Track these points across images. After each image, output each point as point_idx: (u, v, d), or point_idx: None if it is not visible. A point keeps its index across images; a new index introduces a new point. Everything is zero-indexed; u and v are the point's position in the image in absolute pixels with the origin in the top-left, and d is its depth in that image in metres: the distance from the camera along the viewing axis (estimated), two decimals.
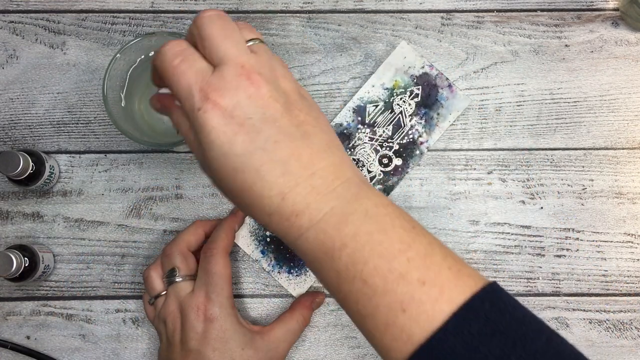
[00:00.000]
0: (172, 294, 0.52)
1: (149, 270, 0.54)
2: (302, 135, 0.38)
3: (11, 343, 0.57)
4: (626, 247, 0.59)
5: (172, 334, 0.51)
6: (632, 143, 0.60)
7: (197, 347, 0.49)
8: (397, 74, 0.59)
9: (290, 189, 0.37)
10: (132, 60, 0.55)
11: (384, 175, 0.58)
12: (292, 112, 0.38)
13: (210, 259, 0.52)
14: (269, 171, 0.37)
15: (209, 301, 0.51)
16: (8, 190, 0.59)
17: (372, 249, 0.36)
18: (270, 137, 0.37)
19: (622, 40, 0.61)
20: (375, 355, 0.58)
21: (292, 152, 0.37)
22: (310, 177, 0.37)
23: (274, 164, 0.37)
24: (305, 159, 0.37)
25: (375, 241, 0.36)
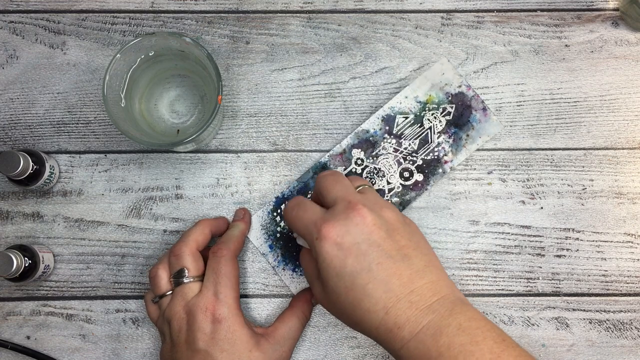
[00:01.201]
0: (178, 295, 0.51)
1: (155, 269, 0.53)
2: (402, 257, 0.45)
3: (11, 343, 0.57)
4: (626, 247, 0.59)
5: (177, 334, 0.50)
6: (632, 143, 0.60)
7: (205, 348, 0.49)
8: (433, 89, 0.59)
9: (392, 304, 0.44)
10: (132, 60, 0.55)
11: (403, 188, 0.58)
12: (394, 238, 0.46)
13: (221, 259, 0.52)
14: (374, 289, 0.44)
15: (218, 302, 0.50)
16: (8, 190, 0.59)
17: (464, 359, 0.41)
18: (374, 259, 0.44)
19: (622, 40, 0.61)
20: (375, 355, 0.58)
21: (393, 272, 0.44)
22: (409, 294, 0.44)
23: (378, 283, 0.44)
24: (405, 278, 0.44)
25: (468, 352, 0.42)
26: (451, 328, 0.43)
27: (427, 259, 0.46)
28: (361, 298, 0.44)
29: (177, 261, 0.52)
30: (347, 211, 0.46)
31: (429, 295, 0.44)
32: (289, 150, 0.60)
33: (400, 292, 0.44)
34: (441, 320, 0.43)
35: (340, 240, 0.45)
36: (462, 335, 0.42)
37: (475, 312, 0.44)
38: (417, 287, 0.44)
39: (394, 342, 0.44)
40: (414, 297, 0.44)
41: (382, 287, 0.44)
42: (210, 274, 0.52)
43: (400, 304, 0.44)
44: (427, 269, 0.46)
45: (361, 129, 0.59)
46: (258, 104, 0.60)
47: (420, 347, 0.43)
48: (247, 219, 0.57)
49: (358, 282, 0.44)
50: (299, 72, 0.60)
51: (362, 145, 0.58)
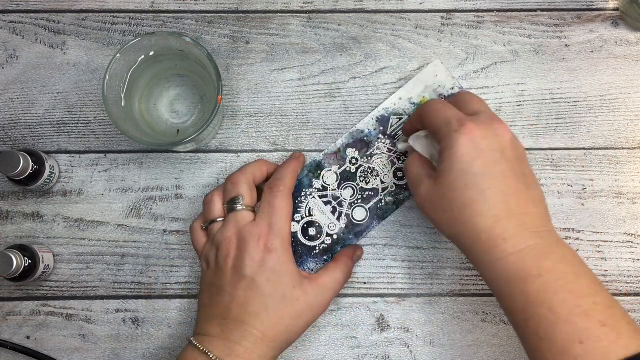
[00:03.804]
0: (232, 221, 0.52)
1: (211, 195, 0.54)
2: (524, 182, 0.47)
3: (11, 343, 0.57)
4: (626, 247, 0.59)
5: (224, 259, 0.51)
6: (632, 143, 0.60)
7: (252, 275, 0.49)
8: (426, 90, 0.59)
9: (505, 216, 0.45)
10: (132, 60, 0.55)
11: (397, 188, 0.58)
12: (522, 164, 0.48)
13: (277, 194, 0.52)
14: (493, 195, 0.45)
15: (272, 232, 0.51)
16: (8, 190, 0.59)
17: (564, 285, 0.43)
18: (502, 171, 0.46)
19: (622, 40, 0.61)
20: (375, 355, 0.58)
21: (514, 190, 0.46)
22: (522, 215, 0.46)
23: (497, 192, 0.45)
24: (522, 200, 0.46)
25: (568, 279, 0.43)
26: (556, 255, 0.45)
27: (542, 196, 0.48)
28: (477, 199, 0.45)
29: (234, 188, 0.53)
30: (492, 121, 0.48)
31: (539, 223, 0.46)
32: (289, 150, 0.60)
33: (515, 209, 0.45)
34: (547, 247, 0.45)
35: (479, 141, 0.46)
36: (565, 264, 0.44)
37: (576, 252, 0.46)
38: (530, 212, 0.46)
39: (493, 252, 0.45)
40: (527, 218, 0.46)
41: (500, 197, 0.45)
42: (265, 207, 0.52)
43: (511, 219, 0.45)
44: (542, 202, 0.48)
45: (356, 129, 0.59)
46: (258, 104, 0.60)
47: (520, 263, 0.44)
48: (301, 159, 0.57)
49: (480, 184, 0.45)
50: (299, 72, 0.60)
51: (357, 145, 0.59)
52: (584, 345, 0.41)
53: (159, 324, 0.58)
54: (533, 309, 0.43)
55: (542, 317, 0.42)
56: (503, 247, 0.45)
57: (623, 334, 0.41)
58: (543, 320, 0.42)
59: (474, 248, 0.46)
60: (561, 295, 0.42)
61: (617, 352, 0.40)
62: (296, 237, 0.57)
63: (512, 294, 0.44)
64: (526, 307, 0.43)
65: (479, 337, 0.58)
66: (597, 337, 0.41)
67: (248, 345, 0.49)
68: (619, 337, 0.41)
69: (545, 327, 0.42)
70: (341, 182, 0.58)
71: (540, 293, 0.43)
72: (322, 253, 0.57)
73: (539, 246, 0.45)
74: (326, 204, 0.58)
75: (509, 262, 0.44)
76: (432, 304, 0.58)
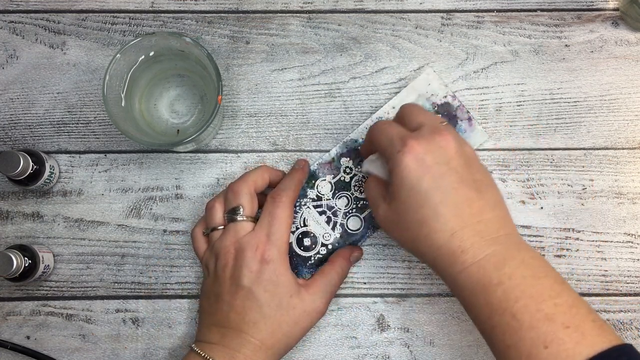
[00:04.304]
0: (231, 230, 0.52)
1: (213, 201, 0.54)
2: (476, 188, 0.47)
3: (11, 343, 0.57)
4: (626, 247, 0.59)
5: (222, 268, 0.51)
6: (632, 143, 0.60)
7: (249, 285, 0.50)
8: (419, 99, 0.59)
9: (460, 228, 0.45)
10: (133, 60, 0.55)
11: None
12: (471, 170, 0.47)
13: (279, 203, 0.53)
14: (445, 210, 0.45)
15: (269, 243, 0.51)
16: (8, 190, 0.59)
17: (524, 290, 0.43)
18: (450, 183, 0.46)
19: (622, 40, 0.61)
20: (375, 355, 0.58)
21: (465, 199, 0.46)
22: (477, 224, 0.46)
23: (449, 205, 0.45)
24: (475, 208, 0.46)
25: (528, 284, 0.43)
26: (515, 261, 0.44)
27: (497, 197, 0.48)
28: (431, 216, 0.45)
29: (234, 198, 0.53)
30: (433, 134, 0.47)
31: (495, 228, 0.46)
32: (289, 150, 0.60)
33: (469, 219, 0.45)
34: (506, 252, 0.45)
35: (422, 157, 0.46)
36: (525, 269, 0.44)
37: (537, 253, 0.46)
38: (485, 219, 0.46)
39: (454, 265, 0.45)
40: (481, 227, 0.46)
41: (453, 210, 0.45)
42: (265, 216, 0.52)
43: (467, 230, 0.45)
44: (497, 205, 0.47)
45: (350, 138, 0.59)
46: (258, 104, 0.60)
47: (480, 272, 0.44)
48: (306, 169, 0.57)
49: (431, 200, 0.45)
50: (299, 72, 0.60)
51: (351, 154, 0.59)
52: (549, 349, 0.41)
53: (159, 324, 0.58)
54: (497, 317, 0.43)
55: (506, 325, 0.43)
56: (462, 259, 0.45)
57: (587, 333, 0.41)
58: (507, 328, 0.43)
59: (436, 263, 0.47)
60: (522, 302, 0.43)
61: (581, 352, 0.40)
62: (291, 248, 0.57)
63: (476, 304, 0.45)
64: (491, 315, 0.44)
65: (479, 337, 0.57)
66: (561, 340, 0.41)
67: (248, 352, 0.49)
68: (584, 337, 0.41)
69: (510, 334, 0.42)
70: (335, 192, 0.58)
71: (502, 301, 0.43)
72: (318, 263, 0.57)
73: (497, 253, 0.45)
74: (321, 213, 0.58)
75: (470, 273, 0.45)
76: (432, 304, 0.58)
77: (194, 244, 0.55)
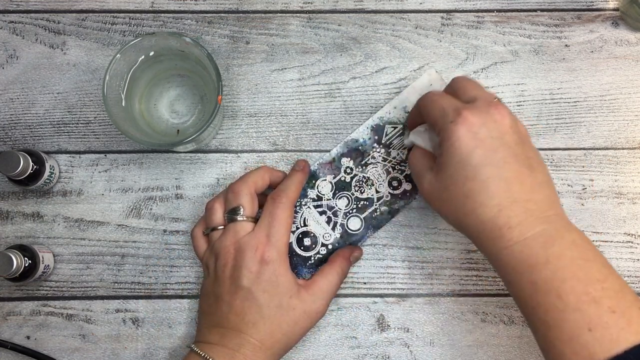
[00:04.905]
0: (230, 231, 0.52)
1: (213, 201, 0.54)
2: (528, 166, 0.46)
3: (11, 343, 0.57)
4: (626, 247, 0.59)
5: (222, 268, 0.51)
6: (632, 143, 0.60)
7: (249, 286, 0.50)
8: None
9: (508, 204, 0.44)
10: (133, 60, 0.55)
11: (392, 197, 0.58)
12: (524, 147, 0.46)
13: (279, 204, 0.52)
14: (495, 184, 0.44)
15: (269, 244, 0.51)
16: (8, 190, 0.59)
17: (572, 271, 0.42)
18: (503, 158, 0.45)
19: (622, 40, 0.61)
20: (375, 355, 0.58)
21: (517, 176, 0.45)
22: (527, 201, 0.45)
23: (499, 180, 0.44)
24: (526, 185, 0.45)
25: (576, 265, 0.43)
26: (564, 241, 0.44)
27: (548, 177, 0.47)
28: (479, 190, 0.45)
29: (235, 198, 0.53)
30: (488, 107, 0.46)
31: (545, 208, 0.45)
32: (289, 150, 0.60)
33: (519, 196, 0.44)
34: (555, 232, 0.44)
35: (476, 130, 0.45)
36: (574, 249, 0.43)
37: (585, 236, 0.45)
38: (536, 197, 0.45)
39: (499, 241, 0.44)
40: (531, 205, 0.45)
41: (502, 185, 0.44)
42: (265, 217, 0.52)
43: (515, 206, 0.44)
44: (548, 185, 0.47)
45: (350, 138, 0.59)
46: (258, 104, 0.60)
47: (526, 251, 0.43)
48: (306, 170, 0.57)
49: (480, 174, 0.45)
50: (299, 72, 0.60)
51: (352, 154, 0.58)
52: (593, 332, 0.40)
53: (159, 324, 0.58)
54: (541, 297, 0.43)
55: (551, 305, 0.42)
56: (509, 236, 0.44)
57: (634, 320, 0.41)
58: (551, 308, 0.42)
59: (480, 238, 0.46)
60: (569, 283, 0.42)
61: (627, 339, 0.40)
62: (291, 248, 0.57)
63: (520, 282, 0.44)
64: (534, 295, 0.43)
65: (479, 337, 0.58)
66: (606, 324, 0.40)
67: (247, 353, 0.49)
68: (630, 323, 0.41)
69: (553, 314, 0.42)
70: (336, 192, 0.58)
71: (548, 281, 0.42)
72: (317, 263, 0.57)
73: (546, 232, 0.44)
74: (321, 213, 0.58)
75: (515, 250, 0.44)
76: (432, 304, 0.58)
77: (193, 244, 0.55)
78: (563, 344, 0.41)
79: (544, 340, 0.43)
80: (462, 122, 0.45)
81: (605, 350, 0.40)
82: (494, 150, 0.45)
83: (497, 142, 0.45)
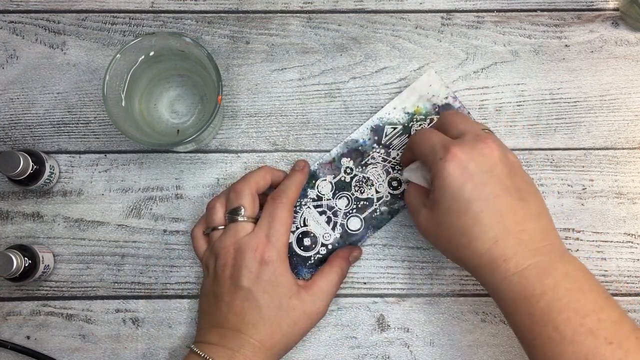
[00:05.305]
0: (231, 231, 0.52)
1: (214, 201, 0.54)
2: (519, 198, 0.46)
3: (11, 343, 0.57)
4: (626, 247, 0.59)
5: (222, 268, 0.51)
6: (632, 143, 0.60)
7: (249, 286, 0.50)
8: (420, 100, 0.59)
9: (502, 236, 0.45)
10: (133, 60, 0.55)
11: (391, 197, 0.58)
12: (515, 178, 0.47)
13: (279, 205, 0.53)
14: (488, 217, 0.45)
15: (269, 244, 0.51)
16: (8, 190, 0.59)
17: (568, 303, 0.42)
18: (493, 191, 0.45)
19: (622, 40, 0.61)
20: (375, 355, 0.58)
21: (509, 208, 0.45)
22: (520, 232, 0.45)
23: (492, 213, 0.45)
24: (519, 217, 0.45)
25: (572, 297, 0.43)
26: (559, 272, 0.44)
27: (542, 207, 0.48)
28: (472, 224, 0.45)
29: (236, 198, 0.53)
30: (476, 141, 0.47)
31: (539, 239, 0.45)
32: (289, 150, 0.60)
33: (512, 228, 0.45)
34: (549, 263, 0.44)
35: (465, 165, 0.46)
36: (569, 281, 0.43)
37: (582, 265, 0.46)
38: (529, 228, 0.45)
39: (496, 273, 0.45)
40: (525, 236, 0.45)
41: (495, 218, 0.45)
42: (265, 217, 0.52)
43: (510, 238, 0.45)
44: (541, 215, 0.47)
45: (350, 138, 0.59)
46: (258, 104, 0.60)
47: (523, 282, 0.44)
48: (306, 170, 0.57)
49: (473, 208, 0.45)
50: (299, 72, 0.60)
51: (351, 154, 0.59)
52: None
53: (159, 324, 0.58)
54: (539, 329, 0.43)
55: (548, 338, 0.42)
56: (505, 267, 0.45)
57: (631, 351, 0.41)
58: (549, 340, 0.42)
59: (478, 271, 0.47)
60: (565, 314, 0.42)
61: None
62: (291, 248, 0.57)
63: (518, 313, 0.44)
64: (532, 326, 0.43)
65: (479, 337, 0.58)
66: (603, 356, 0.41)
67: (247, 353, 0.49)
68: (626, 355, 0.41)
69: (551, 346, 0.42)
70: (336, 192, 0.58)
71: (545, 313, 0.43)
72: (317, 263, 0.57)
73: (541, 264, 0.44)
74: (321, 213, 0.58)
75: (512, 282, 0.44)
76: (432, 304, 0.58)
77: (193, 244, 0.55)
78: None
79: None
80: (451, 158, 0.46)
81: None
82: (484, 184, 0.46)
83: (486, 176, 0.46)
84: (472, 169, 0.46)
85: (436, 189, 0.47)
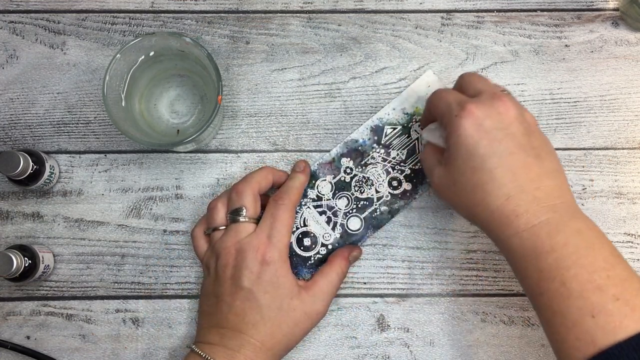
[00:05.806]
0: (232, 231, 0.52)
1: (216, 201, 0.54)
2: (535, 155, 0.46)
3: (11, 343, 0.57)
4: (626, 247, 0.59)
5: (222, 268, 0.51)
6: (632, 143, 0.60)
7: (250, 287, 0.50)
8: (419, 101, 0.59)
9: (516, 193, 0.45)
10: (133, 60, 0.55)
11: (392, 197, 0.58)
12: (530, 137, 0.47)
13: (281, 206, 0.53)
14: (502, 174, 0.45)
15: (270, 245, 0.51)
16: (8, 190, 0.59)
17: (577, 259, 0.43)
18: (508, 148, 0.46)
19: (622, 40, 0.61)
20: (375, 355, 0.58)
21: (523, 165, 0.46)
22: (534, 190, 0.45)
23: (506, 169, 0.45)
24: (533, 174, 0.46)
25: (581, 254, 0.43)
26: (570, 229, 0.44)
27: (557, 165, 0.48)
28: (486, 180, 0.46)
29: (238, 198, 0.53)
30: (492, 99, 0.47)
31: (553, 196, 0.46)
32: (289, 150, 0.60)
33: (526, 185, 0.45)
34: (561, 220, 0.44)
35: (481, 122, 0.46)
36: (579, 238, 0.44)
37: (594, 224, 0.46)
38: (543, 186, 0.46)
39: (507, 229, 0.45)
40: (539, 193, 0.45)
41: (509, 175, 0.45)
42: (267, 218, 0.52)
43: (523, 195, 0.45)
44: (556, 173, 0.47)
45: (350, 138, 0.59)
46: (258, 104, 0.60)
47: (533, 239, 0.44)
48: (307, 171, 0.57)
49: (487, 165, 0.45)
50: (299, 72, 0.60)
51: (351, 154, 0.59)
52: (596, 319, 0.41)
53: (159, 324, 0.58)
54: (546, 284, 0.43)
55: (555, 292, 0.43)
56: (516, 223, 0.45)
57: (637, 307, 0.41)
58: (556, 295, 0.43)
59: (489, 226, 0.47)
60: (573, 270, 0.42)
61: (629, 326, 0.40)
62: (291, 248, 0.57)
63: (527, 270, 0.45)
64: (540, 282, 0.44)
65: (479, 337, 0.58)
66: (610, 311, 0.41)
67: (248, 353, 0.49)
68: (633, 311, 0.41)
69: (558, 301, 0.43)
70: (336, 192, 0.58)
71: (553, 269, 0.43)
72: (317, 263, 0.57)
73: (552, 221, 0.44)
74: (321, 213, 0.58)
75: (522, 238, 0.45)
76: (432, 304, 0.58)
77: (194, 244, 0.55)
78: (566, 330, 0.42)
79: (549, 326, 0.44)
80: (467, 115, 0.46)
81: (607, 337, 0.40)
82: (499, 141, 0.46)
83: (501, 134, 0.46)
84: (488, 126, 0.46)
85: (451, 145, 0.47)
